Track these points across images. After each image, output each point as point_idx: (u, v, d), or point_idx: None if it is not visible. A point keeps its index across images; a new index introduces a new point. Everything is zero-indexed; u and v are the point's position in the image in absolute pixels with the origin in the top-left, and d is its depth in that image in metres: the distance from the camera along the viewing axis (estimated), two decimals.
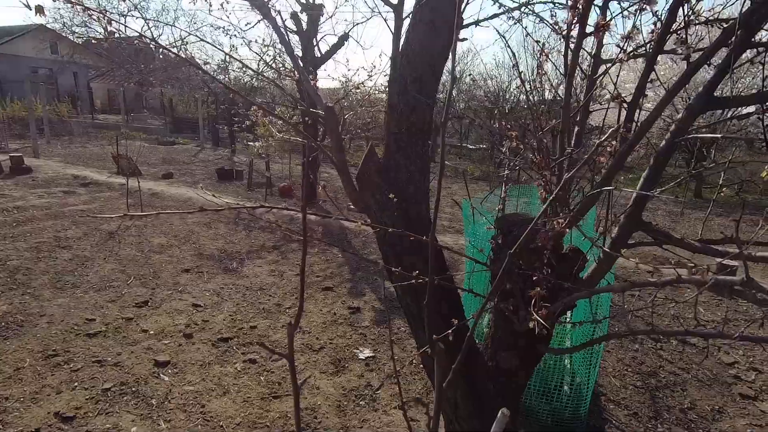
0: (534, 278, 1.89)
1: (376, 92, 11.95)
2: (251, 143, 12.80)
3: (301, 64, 2.65)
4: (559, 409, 3.50)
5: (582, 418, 3.50)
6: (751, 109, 1.50)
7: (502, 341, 2.20)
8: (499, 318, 2.18)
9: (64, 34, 24.62)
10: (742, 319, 5.60)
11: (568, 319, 4.77)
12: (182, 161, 15.59)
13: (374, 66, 10.68)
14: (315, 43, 9.86)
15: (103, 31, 1.78)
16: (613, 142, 1.45)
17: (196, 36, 18.92)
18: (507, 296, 2.03)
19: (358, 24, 18.61)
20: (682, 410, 3.78)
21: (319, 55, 9.83)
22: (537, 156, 1.87)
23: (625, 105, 1.42)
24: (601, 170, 1.64)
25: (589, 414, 3.57)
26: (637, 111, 1.44)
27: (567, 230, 1.78)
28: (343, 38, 9.76)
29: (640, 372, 4.32)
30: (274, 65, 11.38)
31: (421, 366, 4.22)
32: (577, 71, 2.10)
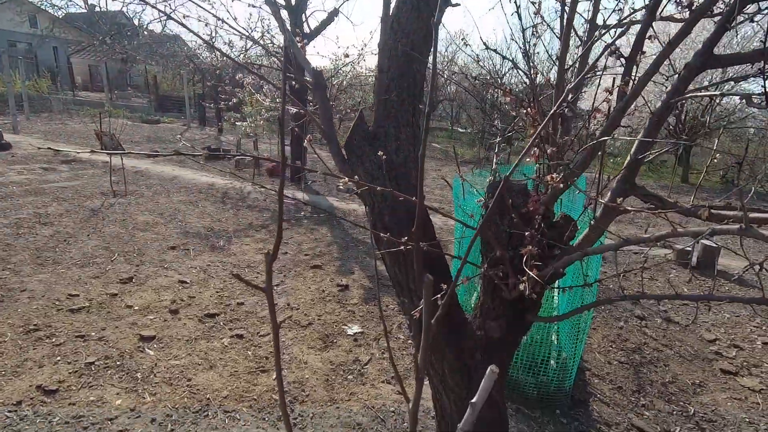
0: (526, 239, 1.87)
1: (367, 72, 11.76)
2: (239, 123, 12.59)
3: (289, 29, 2.54)
4: (545, 383, 3.54)
5: (567, 392, 3.55)
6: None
7: (490, 310, 2.18)
8: (488, 286, 2.17)
9: (43, 7, 23.70)
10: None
11: (555, 298, 4.81)
12: (167, 140, 15.27)
13: (365, 44, 10.47)
14: (304, 19, 9.62)
15: (83, 2, 1.67)
16: (610, 97, 1.41)
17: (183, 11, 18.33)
18: (496, 263, 2.01)
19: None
20: (664, 384, 3.86)
21: (308, 31, 9.61)
22: (531, 109, 1.82)
23: (622, 60, 1.38)
24: (596, 132, 1.61)
25: (574, 387, 3.62)
26: (635, 68, 1.40)
27: (561, 186, 1.76)
28: (333, 14, 9.54)
29: (625, 348, 4.39)
30: (262, 42, 11.10)
31: (409, 342, 4.24)
32: (572, 36, 2.04)
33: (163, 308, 4.48)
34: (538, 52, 2.64)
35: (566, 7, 2.00)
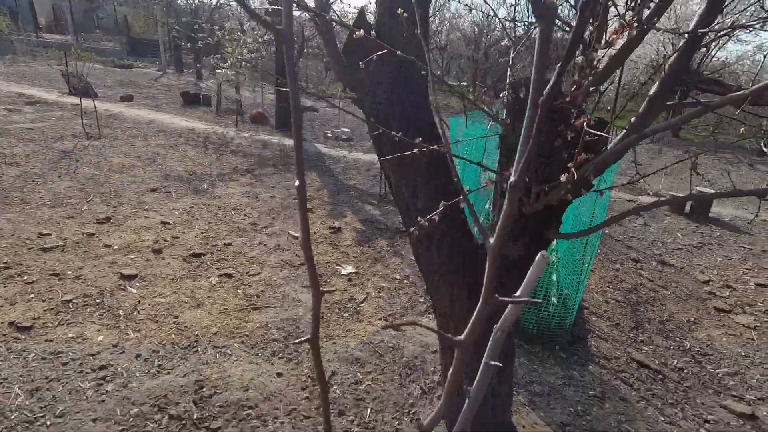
0: (557, 144, 1.66)
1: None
2: (219, 69, 11.85)
3: None
4: (546, 320, 3.47)
5: (567, 328, 3.49)
6: None
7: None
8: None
9: None
10: (716, 243, 5.73)
11: (553, 242, 4.71)
12: (142, 85, 14.39)
13: None
14: None
15: None
16: None
17: None
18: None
19: None
20: (661, 321, 3.85)
21: None
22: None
23: None
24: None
25: (572, 325, 3.56)
26: None
27: (597, 84, 1.53)
28: None
29: (621, 289, 4.36)
30: None
31: (405, 282, 4.11)
32: None
33: (145, 248, 4.22)
34: None
35: None
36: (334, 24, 2.36)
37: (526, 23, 3.24)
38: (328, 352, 3.07)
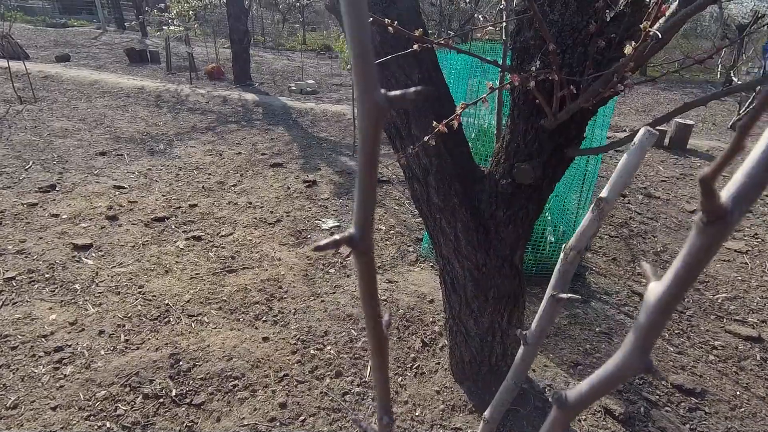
0: (591, 28, 1.35)
1: None
2: (166, 24, 10.76)
3: None
4: (544, 260, 3.30)
5: None
6: None
7: (520, 151, 1.71)
8: (520, 117, 1.67)
9: None
10: (697, 173, 5.69)
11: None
12: (80, 44, 13.02)
13: None
14: None
15: None
16: None
17: None
18: (541, 68, 1.47)
19: None
20: (656, 253, 3.76)
21: None
22: None
23: None
24: None
25: None
26: None
27: None
28: None
29: (613, 223, 4.24)
30: None
31: (391, 232, 3.84)
32: None
33: (98, 215, 3.76)
34: None
35: None
36: None
37: None
38: (318, 311, 2.81)
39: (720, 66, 14.88)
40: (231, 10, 9.11)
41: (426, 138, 1.31)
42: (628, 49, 1.02)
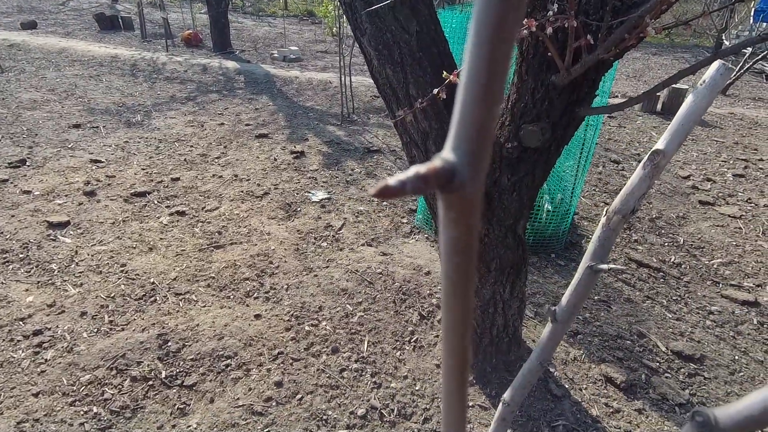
0: None
1: None
2: None
3: None
4: (541, 229, 3.23)
5: (563, 236, 3.28)
6: None
7: (528, 110, 1.59)
8: (529, 73, 1.54)
9: None
10: (690, 139, 5.64)
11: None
12: (46, 10, 12.24)
13: None
14: None
15: None
16: None
17: None
18: (541, 27, 1.33)
19: None
20: (651, 220, 3.72)
21: None
22: None
23: None
24: None
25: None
26: None
27: None
28: None
29: (607, 191, 4.18)
30: None
31: (384, 203, 3.72)
32: None
33: (75, 191, 3.56)
34: None
35: None
36: None
37: None
38: (311, 286, 2.71)
39: (714, 29, 14.69)
40: None
41: (435, 91, 1.18)
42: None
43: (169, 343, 2.22)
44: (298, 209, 3.56)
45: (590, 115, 1.71)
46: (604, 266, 0.81)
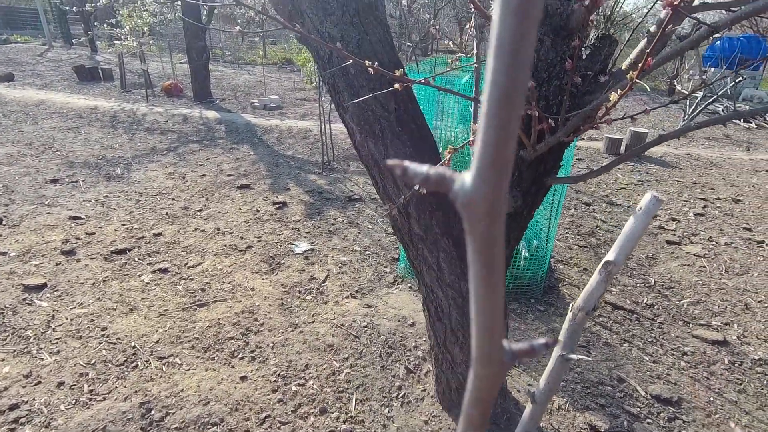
0: (568, 65, 1.36)
1: None
2: (118, 41, 10.32)
3: None
4: (519, 275, 3.34)
5: (540, 281, 3.40)
6: None
7: None
8: None
9: None
10: (653, 179, 5.97)
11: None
12: (24, 62, 12.31)
13: None
14: None
15: None
16: None
17: None
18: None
19: None
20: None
21: None
22: None
23: None
24: None
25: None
26: None
27: None
28: None
29: (580, 233, 4.36)
30: None
31: (367, 252, 3.79)
32: None
33: (52, 250, 3.51)
34: None
35: None
36: None
37: None
38: (297, 343, 2.71)
39: (666, 76, 15.77)
40: (188, 27, 8.86)
41: (416, 186, 1.28)
42: (613, 96, 1.03)
43: (153, 412, 2.17)
44: (282, 262, 3.59)
45: (556, 183, 1.86)
46: (574, 356, 0.90)
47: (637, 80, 0.95)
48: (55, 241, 3.65)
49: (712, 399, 2.49)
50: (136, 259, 3.50)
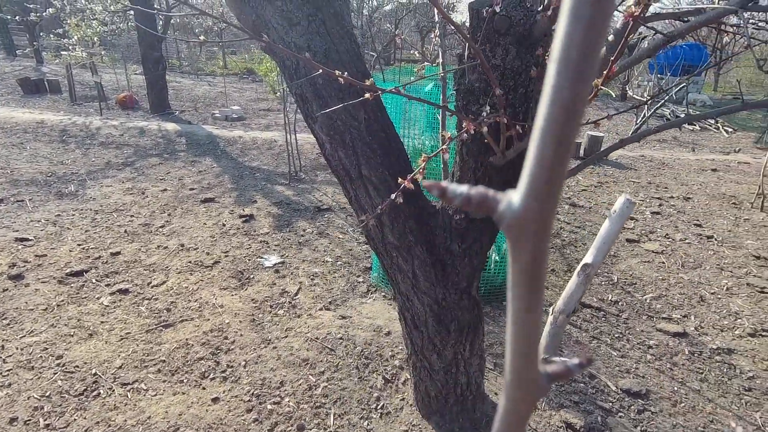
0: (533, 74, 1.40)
1: None
2: (66, 52, 9.84)
3: None
4: (491, 278, 3.39)
5: None
6: None
7: (473, 185, 1.74)
8: (469, 155, 1.70)
9: None
10: (611, 181, 6.24)
11: None
12: None
13: None
14: None
15: None
16: None
17: None
18: (477, 114, 1.51)
19: None
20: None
21: None
22: None
23: None
24: None
25: None
26: None
27: None
28: None
29: None
30: None
31: (339, 263, 3.75)
32: None
33: None
34: None
35: None
36: None
37: None
38: (270, 359, 2.63)
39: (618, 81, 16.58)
40: (142, 36, 8.57)
41: (393, 196, 1.27)
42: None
43: None
44: (251, 276, 3.49)
45: None
46: (557, 359, 0.90)
47: (601, 87, 0.98)
48: (1, 265, 3.40)
49: (676, 389, 2.59)
50: (94, 280, 3.31)
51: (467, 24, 1.60)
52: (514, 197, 0.21)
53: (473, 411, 2.32)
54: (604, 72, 0.98)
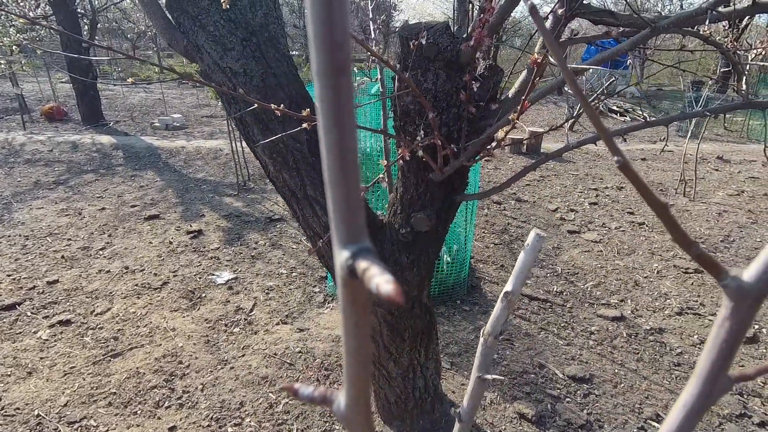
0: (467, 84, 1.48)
1: None
2: None
3: None
4: (444, 279, 3.50)
5: (464, 281, 3.59)
6: None
7: (415, 200, 1.80)
8: (410, 172, 1.76)
9: None
10: (553, 174, 6.58)
11: None
12: None
13: None
14: None
15: None
16: None
17: None
18: (413, 134, 1.57)
19: None
20: None
21: None
22: None
23: None
24: None
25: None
26: None
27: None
28: None
29: (495, 231, 4.68)
30: None
31: (294, 274, 3.73)
32: None
33: None
34: None
35: None
36: None
37: None
38: (228, 380, 2.59)
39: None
40: (67, 42, 8.01)
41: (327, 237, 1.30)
42: (500, 134, 1.15)
43: None
44: (203, 295, 3.40)
45: (465, 200, 2.00)
46: (489, 377, 0.98)
47: (517, 121, 1.07)
48: None
49: (616, 371, 2.81)
50: (29, 313, 3.10)
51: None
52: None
53: (433, 412, 2.40)
54: (518, 107, 1.06)
